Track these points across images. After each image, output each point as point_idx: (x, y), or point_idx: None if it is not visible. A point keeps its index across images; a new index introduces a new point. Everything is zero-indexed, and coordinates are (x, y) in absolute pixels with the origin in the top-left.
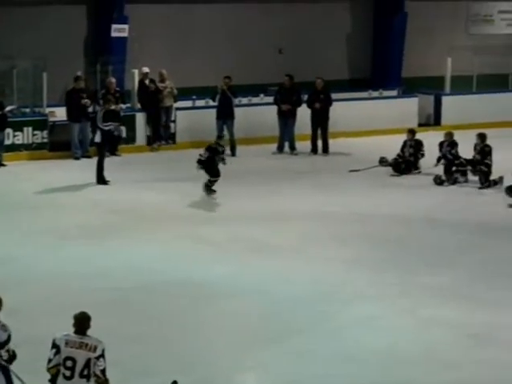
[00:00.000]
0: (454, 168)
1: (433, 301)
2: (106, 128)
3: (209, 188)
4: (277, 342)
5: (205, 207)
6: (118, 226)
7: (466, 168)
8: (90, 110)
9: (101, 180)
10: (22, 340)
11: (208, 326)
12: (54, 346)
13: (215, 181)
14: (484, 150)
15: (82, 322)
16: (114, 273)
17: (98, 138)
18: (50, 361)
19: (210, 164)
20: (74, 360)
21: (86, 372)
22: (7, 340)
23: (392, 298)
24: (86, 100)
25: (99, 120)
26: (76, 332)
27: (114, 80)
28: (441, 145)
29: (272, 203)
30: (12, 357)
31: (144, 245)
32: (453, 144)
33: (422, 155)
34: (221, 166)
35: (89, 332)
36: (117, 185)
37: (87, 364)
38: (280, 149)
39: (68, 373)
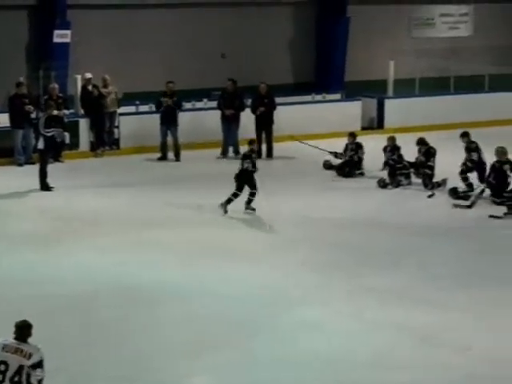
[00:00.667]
0: (397, 171)
1: (378, 303)
2: (49, 134)
3: (250, 203)
4: (226, 346)
5: (150, 212)
6: (63, 233)
7: (410, 171)
8: (33, 116)
9: (44, 186)
10: None
11: (155, 331)
12: None
13: (255, 194)
14: (429, 152)
15: (22, 330)
16: (61, 279)
17: (40, 145)
18: None
19: (247, 175)
20: (6, 364)
21: (16, 378)
22: None
23: (338, 302)
24: (29, 106)
25: (41, 126)
26: (16, 339)
27: (56, 86)
28: (384, 149)
29: (217, 208)
30: None
31: (90, 251)
32: (395, 148)
33: (359, 158)
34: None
35: (33, 339)
36: (61, 191)
37: (19, 370)
38: (224, 153)
39: (0, 377)
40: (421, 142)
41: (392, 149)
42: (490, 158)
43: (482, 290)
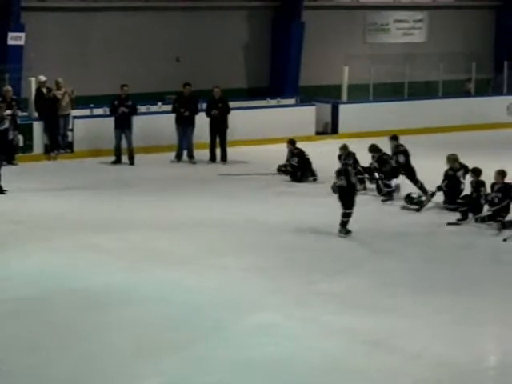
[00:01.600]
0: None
1: (330, 309)
2: (1, 128)
3: (345, 225)
4: (175, 350)
5: (103, 216)
6: (15, 236)
7: (364, 176)
8: None
9: None
10: None
11: (106, 335)
12: None
13: (350, 214)
14: (382, 158)
15: None
16: (12, 283)
17: None
18: None
19: (346, 191)
20: None
21: None
22: None
23: (291, 307)
24: None
25: None
26: None
27: (10, 88)
28: (339, 158)
29: (170, 212)
30: None
31: (42, 254)
32: (349, 156)
33: (307, 161)
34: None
35: None
36: (14, 194)
37: None
38: (178, 157)
39: None
40: (373, 149)
41: (346, 157)
42: (442, 163)
43: (434, 296)
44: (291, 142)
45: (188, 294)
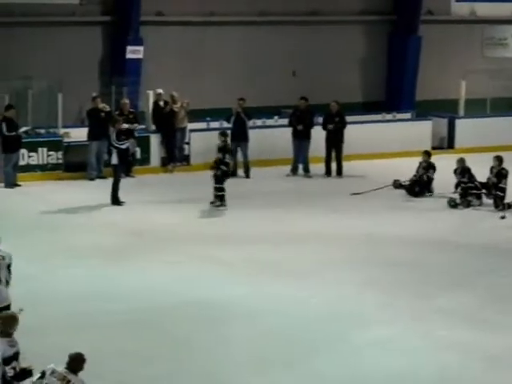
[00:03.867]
0: (468, 191)
1: (446, 324)
2: (123, 146)
3: None
4: (291, 364)
5: (219, 229)
6: (133, 247)
7: (481, 191)
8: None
9: (115, 201)
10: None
11: (224, 348)
12: (42, 372)
13: None
14: (501, 173)
15: (74, 362)
16: (131, 295)
17: (114, 160)
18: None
19: None
20: None
21: None
22: (13, 356)
23: (405, 322)
24: (103, 104)
25: (114, 141)
26: (67, 368)
27: (127, 101)
28: (455, 172)
29: (285, 225)
30: (19, 374)
31: (160, 266)
32: (464, 170)
33: (428, 177)
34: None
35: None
36: (131, 206)
37: None
38: (294, 171)
39: None
40: (498, 159)
41: (462, 171)
42: None
43: None
44: (427, 153)
45: (304, 308)
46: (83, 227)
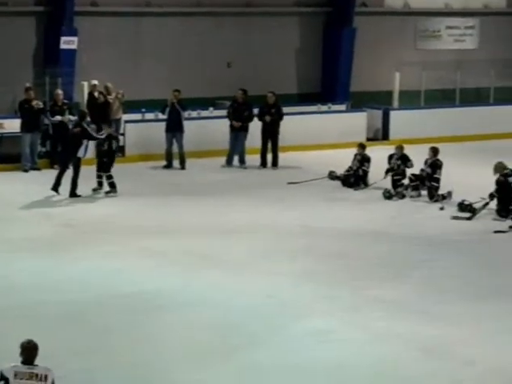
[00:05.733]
0: (403, 182)
1: (384, 315)
2: (103, 136)
3: None
4: (229, 355)
5: (154, 220)
6: (67, 239)
7: (416, 183)
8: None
9: (74, 194)
10: None
11: (159, 339)
12: (2, 377)
13: None
14: (435, 164)
15: (30, 351)
16: (63, 287)
17: (81, 153)
18: None
19: None
20: None
21: None
22: None
23: (343, 313)
24: (37, 101)
25: (93, 131)
26: (24, 362)
27: (60, 92)
28: (390, 157)
29: (221, 217)
30: None
31: (94, 258)
32: (403, 158)
33: (364, 171)
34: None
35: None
36: (67, 197)
37: None
38: (229, 162)
39: None
40: (433, 150)
41: (400, 157)
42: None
43: (485, 303)
44: (361, 146)
45: (240, 299)
46: (17, 219)
